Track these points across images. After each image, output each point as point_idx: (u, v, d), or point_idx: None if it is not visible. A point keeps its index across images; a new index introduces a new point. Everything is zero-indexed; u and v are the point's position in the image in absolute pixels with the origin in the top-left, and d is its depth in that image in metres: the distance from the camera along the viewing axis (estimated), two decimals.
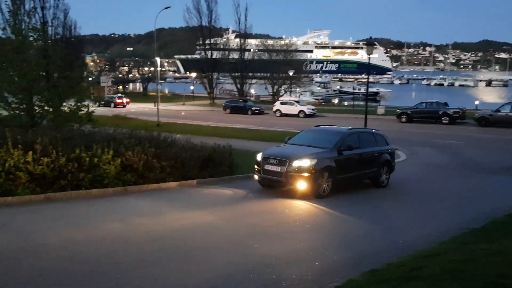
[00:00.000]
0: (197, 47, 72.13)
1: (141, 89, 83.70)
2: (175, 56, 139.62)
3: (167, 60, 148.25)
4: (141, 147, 11.25)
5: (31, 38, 15.30)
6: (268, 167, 11.08)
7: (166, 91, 75.88)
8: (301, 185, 10.62)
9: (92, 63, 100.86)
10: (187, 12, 58.82)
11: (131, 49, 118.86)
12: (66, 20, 42.26)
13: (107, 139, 11.51)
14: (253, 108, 45.02)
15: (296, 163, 10.60)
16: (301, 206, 10.14)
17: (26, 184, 9.22)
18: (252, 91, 64.50)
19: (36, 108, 14.33)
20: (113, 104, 48.81)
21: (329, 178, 10.88)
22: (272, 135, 23.88)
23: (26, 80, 13.60)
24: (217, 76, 60.99)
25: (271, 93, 59.58)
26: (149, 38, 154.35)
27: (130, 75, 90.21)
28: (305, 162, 10.59)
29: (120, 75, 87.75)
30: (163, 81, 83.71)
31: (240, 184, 12.29)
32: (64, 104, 14.72)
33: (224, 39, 68.03)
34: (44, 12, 32.64)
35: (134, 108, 48.49)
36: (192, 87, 68.27)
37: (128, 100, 52.58)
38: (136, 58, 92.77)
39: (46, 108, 14.37)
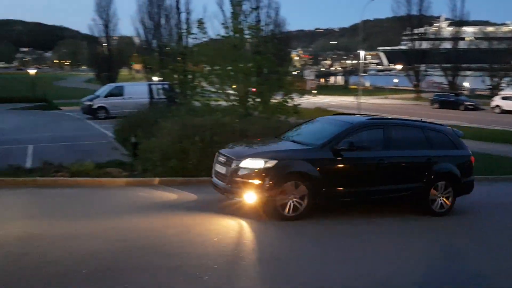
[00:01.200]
0: (403, 38, 68.77)
1: (343, 82, 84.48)
2: (379, 48, 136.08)
3: (370, 52, 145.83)
4: None
5: (247, 36, 16.58)
6: (217, 167, 7.94)
7: (368, 84, 74.54)
8: (249, 197, 7.13)
9: (296, 58, 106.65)
10: (395, 1, 56.74)
11: (335, 42, 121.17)
12: (277, 17, 45.53)
13: None
14: (466, 102, 40.41)
15: (244, 164, 7.20)
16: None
17: None
18: (466, 84, 58.06)
19: (249, 100, 15.56)
20: None
21: (303, 191, 7.19)
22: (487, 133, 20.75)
23: (242, 74, 14.84)
24: (425, 68, 56.96)
25: (490, 87, 52.48)
26: (353, 31, 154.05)
27: (332, 69, 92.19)
28: (256, 163, 7.13)
29: (323, 69, 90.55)
30: (365, 74, 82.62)
31: None
32: (273, 96, 15.62)
33: (435, 28, 63.18)
34: (258, 11, 35.61)
35: (335, 101, 49.08)
36: (396, 80, 65.49)
37: None
38: (339, 52, 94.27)
39: (257, 100, 15.47)
